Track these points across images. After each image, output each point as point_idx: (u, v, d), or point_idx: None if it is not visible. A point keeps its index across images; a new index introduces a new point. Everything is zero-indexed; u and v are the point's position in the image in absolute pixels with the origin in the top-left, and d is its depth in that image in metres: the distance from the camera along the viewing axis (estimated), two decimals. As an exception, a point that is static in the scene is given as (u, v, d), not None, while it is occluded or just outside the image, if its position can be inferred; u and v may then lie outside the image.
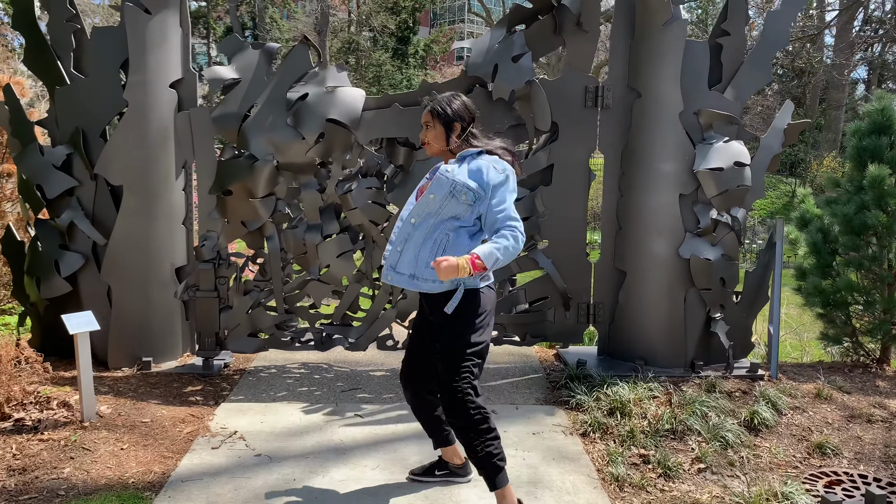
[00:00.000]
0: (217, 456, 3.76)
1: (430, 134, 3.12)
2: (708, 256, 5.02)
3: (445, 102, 3.10)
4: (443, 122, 3.08)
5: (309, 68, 4.85)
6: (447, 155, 3.13)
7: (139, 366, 5.01)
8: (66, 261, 4.92)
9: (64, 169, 4.90)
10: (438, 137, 3.10)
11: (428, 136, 3.13)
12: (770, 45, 5.15)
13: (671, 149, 5.01)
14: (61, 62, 4.94)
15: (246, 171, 4.79)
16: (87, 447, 3.70)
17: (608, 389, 4.60)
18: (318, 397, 4.69)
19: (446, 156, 3.14)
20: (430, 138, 3.12)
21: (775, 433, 4.32)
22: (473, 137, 3.10)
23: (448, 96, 3.12)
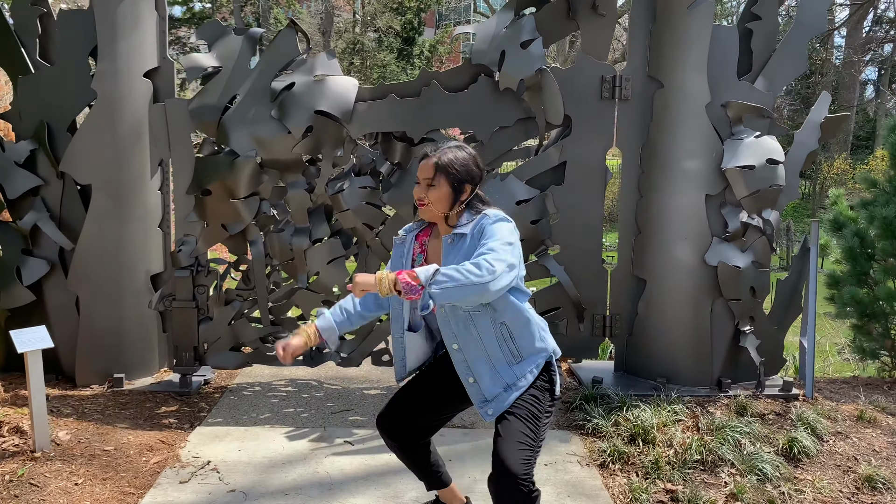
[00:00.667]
0: (185, 492, 3.30)
1: (432, 194, 2.45)
2: (737, 263, 4.54)
3: (457, 159, 2.47)
4: (452, 183, 2.45)
5: (296, 55, 4.39)
6: (441, 220, 2.52)
7: (110, 383, 4.56)
8: (28, 268, 4.47)
9: (27, 166, 4.46)
10: (442, 200, 2.45)
11: (429, 196, 2.46)
12: (806, 29, 4.68)
13: (696, 145, 4.54)
14: (26, 49, 4.50)
15: (226, 169, 4.32)
16: (36, 482, 3.23)
17: (628, 412, 4.12)
18: (305, 420, 4.22)
19: (440, 222, 2.52)
20: (433, 199, 2.45)
21: (817, 463, 3.84)
22: (479, 200, 2.51)
23: (457, 148, 2.51)
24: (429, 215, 2.52)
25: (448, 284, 2.15)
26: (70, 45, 4.45)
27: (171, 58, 4.64)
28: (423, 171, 2.48)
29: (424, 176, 2.48)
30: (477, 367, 2.44)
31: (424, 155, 2.52)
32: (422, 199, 2.48)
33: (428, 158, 2.49)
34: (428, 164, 2.47)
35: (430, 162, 2.47)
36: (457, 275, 2.15)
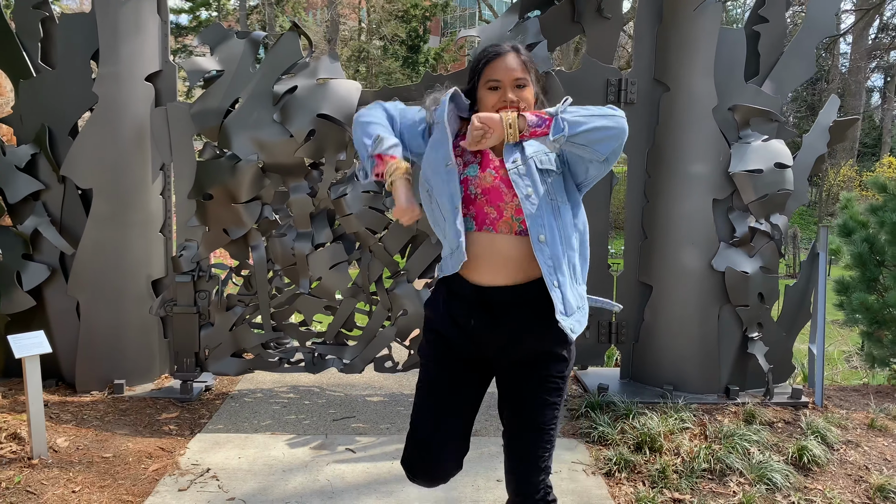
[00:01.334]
0: (184, 499, 3.24)
1: (525, 95, 2.12)
2: (745, 269, 4.47)
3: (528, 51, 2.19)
4: (539, 79, 2.19)
5: (299, 58, 4.36)
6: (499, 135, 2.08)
7: (110, 389, 4.51)
8: (29, 273, 4.43)
9: (28, 170, 4.43)
10: (532, 102, 2.15)
11: (523, 98, 2.11)
12: (814, 32, 4.62)
13: (703, 149, 4.48)
14: (27, 53, 4.48)
15: (228, 173, 4.28)
16: (33, 490, 3.18)
17: (634, 420, 4.05)
18: (307, 427, 4.16)
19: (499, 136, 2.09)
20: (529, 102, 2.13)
21: (828, 472, 3.76)
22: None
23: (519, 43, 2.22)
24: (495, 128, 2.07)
25: (582, 113, 1.99)
26: (72, 49, 4.42)
27: (173, 62, 4.61)
28: (508, 72, 2.10)
29: (512, 77, 2.09)
30: (560, 270, 2.06)
31: (493, 54, 2.12)
32: (514, 102, 2.09)
33: (503, 55, 2.12)
34: (512, 62, 2.11)
35: (515, 59, 2.12)
36: (586, 109, 2.02)
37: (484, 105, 2.13)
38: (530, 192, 2.04)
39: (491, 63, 2.11)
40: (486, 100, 2.12)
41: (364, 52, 37.83)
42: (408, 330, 4.61)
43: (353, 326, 4.71)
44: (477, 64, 2.16)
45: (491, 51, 2.14)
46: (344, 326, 4.67)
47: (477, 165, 2.11)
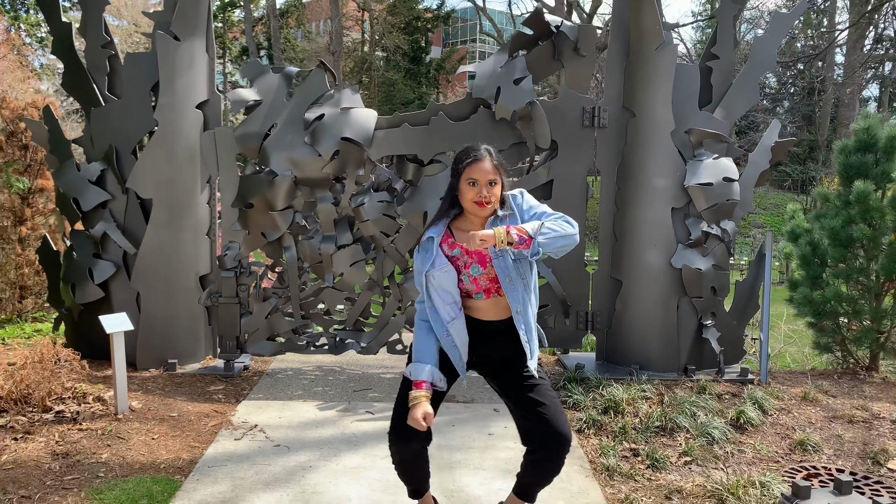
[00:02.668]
0: (239, 445, 4.09)
1: (495, 193, 2.71)
2: (699, 266, 5.33)
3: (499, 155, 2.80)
4: (503, 178, 2.76)
5: (325, 91, 5.23)
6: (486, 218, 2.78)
7: (165, 367, 5.37)
8: (99, 269, 5.29)
9: (98, 184, 5.29)
10: (499, 196, 2.74)
11: (493, 194, 2.71)
12: (757, 67, 5.49)
13: (664, 165, 5.34)
14: (96, 85, 5.34)
15: (266, 186, 5.16)
16: (122, 436, 4.04)
17: (603, 390, 4.90)
18: (332, 396, 5.02)
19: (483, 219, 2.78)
20: (495, 197, 2.72)
21: (760, 431, 4.59)
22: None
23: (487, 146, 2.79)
24: (487, 212, 2.73)
25: (551, 235, 2.57)
26: (135, 82, 5.29)
27: (217, 92, 5.48)
28: (483, 173, 2.67)
29: (487, 178, 2.67)
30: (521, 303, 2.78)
31: (472, 158, 2.69)
32: (486, 198, 2.67)
33: (481, 160, 2.68)
34: (487, 166, 2.68)
35: (489, 163, 2.68)
36: (557, 228, 2.59)
37: (463, 195, 2.73)
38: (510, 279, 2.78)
39: (471, 165, 2.69)
40: (465, 192, 2.71)
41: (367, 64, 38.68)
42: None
43: (369, 315, 5.58)
44: (460, 163, 2.73)
45: (472, 154, 2.73)
46: (361, 315, 5.54)
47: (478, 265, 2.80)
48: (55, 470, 3.60)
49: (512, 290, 2.80)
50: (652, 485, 3.81)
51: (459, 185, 2.74)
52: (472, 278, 2.82)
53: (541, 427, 2.82)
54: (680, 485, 3.80)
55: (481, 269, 2.81)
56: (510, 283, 2.79)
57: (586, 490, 3.67)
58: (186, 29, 5.24)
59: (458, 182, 2.75)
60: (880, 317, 5.88)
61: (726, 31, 5.43)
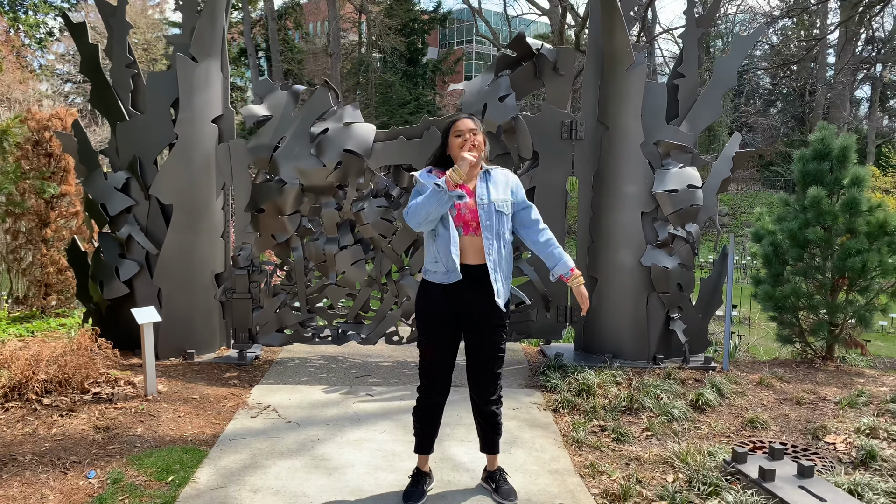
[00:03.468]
0: (255, 422, 4.67)
1: (478, 138, 3.32)
2: (666, 265, 5.91)
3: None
4: (483, 134, 3.39)
5: (329, 107, 5.80)
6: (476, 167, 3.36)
7: (184, 356, 5.94)
8: (124, 267, 5.86)
9: (123, 191, 5.86)
10: (483, 144, 3.37)
11: (477, 140, 3.31)
12: (720, 85, 6.07)
13: (634, 174, 5.92)
14: (121, 101, 5.90)
15: (276, 193, 5.73)
16: (153, 414, 4.62)
17: (578, 376, 5.49)
18: (336, 381, 5.60)
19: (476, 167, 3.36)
20: (479, 143, 3.32)
21: (717, 412, 5.17)
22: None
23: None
24: (477, 155, 3.29)
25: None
26: (156, 99, 5.85)
27: (231, 108, 6.05)
28: (465, 125, 3.34)
29: (469, 128, 3.33)
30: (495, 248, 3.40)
31: (455, 118, 3.40)
32: (471, 141, 3.31)
33: (461, 120, 3.38)
34: (467, 121, 3.35)
35: (467, 120, 3.37)
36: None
37: (452, 148, 3.39)
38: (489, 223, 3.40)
39: (455, 123, 3.40)
40: (453, 144, 3.38)
41: (364, 65, 39.17)
42: (411, 312, 6.04)
43: (369, 309, 6.17)
44: (448, 127, 3.44)
45: (454, 117, 3.46)
46: (362, 309, 6.12)
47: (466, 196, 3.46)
48: (98, 441, 4.18)
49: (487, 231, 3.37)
50: (615, 454, 4.39)
51: (448, 142, 3.40)
52: (457, 204, 3.38)
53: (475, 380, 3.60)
54: (639, 454, 4.38)
55: (468, 198, 3.37)
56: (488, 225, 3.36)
57: (558, 458, 4.26)
58: (203, 51, 5.80)
59: (445, 141, 3.42)
60: (834, 311, 6.46)
61: (691, 53, 6.01)
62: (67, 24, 5.95)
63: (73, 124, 6.04)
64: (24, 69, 25.05)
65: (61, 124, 7.45)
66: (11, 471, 3.76)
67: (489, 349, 3.57)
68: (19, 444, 4.06)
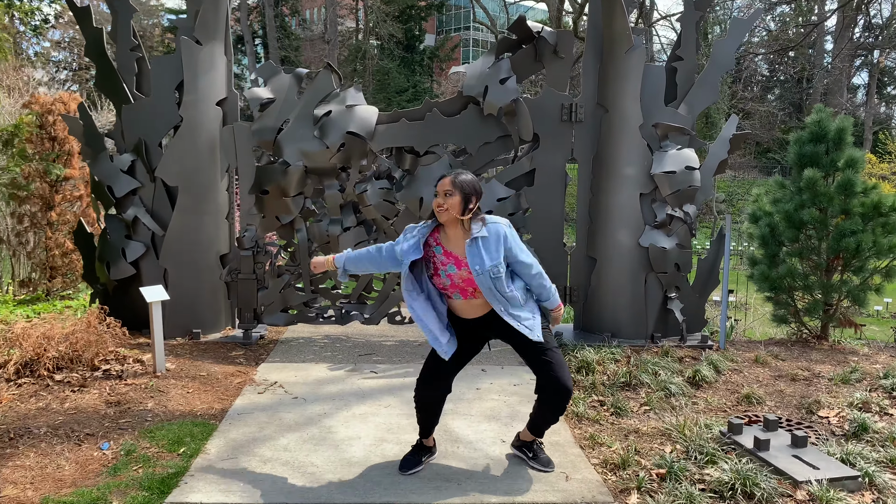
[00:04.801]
0: (262, 398, 4.78)
1: (449, 201, 3.30)
2: (664, 245, 6.01)
3: (465, 179, 3.34)
4: (462, 194, 3.31)
5: (332, 90, 5.88)
6: (455, 223, 3.38)
7: (190, 336, 6.04)
8: (130, 248, 5.94)
9: (129, 173, 5.93)
10: (456, 206, 3.31)
11: (447, 202, 3.30)
12: (718, 67, 6.15)
13: (633, 156, 6.00)
14: (126, 85, 5.97)
15: (280, 175, 5.81)
16: (162, 390, 4.72)
17: (578, 353, 5.60)
18: (340, 359, 5.71)
19: (454, 223, 3.38)
20: (450, 205, 3.30)
21: (713, 388, 5.29)
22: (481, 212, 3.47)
23: (464, 173, 3.39)
24: (445, 217, 3.34)
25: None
26: (161, 82, 5.92)
27: (234, 90, 6.12)
28: (442, 186, 3.34)
29: (443, 189, 3.33)
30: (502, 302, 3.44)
31: (441, 177, 3.40)
32: (441, 204, 3.32)
33: (444, 178, 3.36)
34: (445, 181, 3.35)
35: (447, 179, 3.35)
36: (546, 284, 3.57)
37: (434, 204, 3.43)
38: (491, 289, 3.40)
39: (437, 183, 3.40)
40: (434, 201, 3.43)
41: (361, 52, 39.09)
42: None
43: (372, 290, 6.26)
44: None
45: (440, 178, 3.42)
46: (365, 290, 6.22)
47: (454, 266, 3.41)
48: (110, 415, 4.28)
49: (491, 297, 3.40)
50: (614, 427, 4.51)
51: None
52: (448, 275, 3.44)
53: (548, 381, 3.59)
54: (637, 427, 4.50)
55: (456, 269, 3.44)
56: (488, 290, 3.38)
57: (558, 430, 4.37)
58: (207, 34, 5.87)
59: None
60: (829, 290, 6.57)
61: (689, 35, 6.09)
62: (72, 8, 5.99)
63: (78, 107, 6.11)
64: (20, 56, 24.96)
65: (65, 108, 7.52)
66: (27, 443, 3.86)
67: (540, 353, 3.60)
68: (34, 418, 4.17)
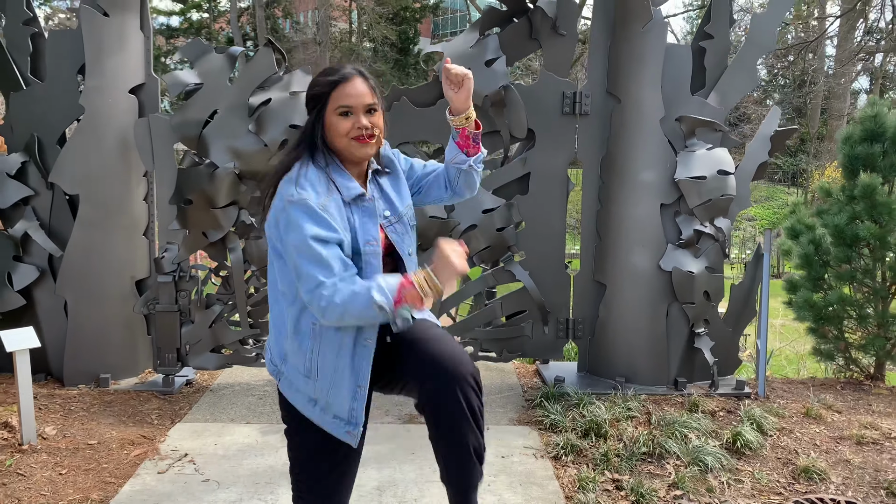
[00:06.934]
0: (162, 481, 3.54)
1: (377, 121, 2.09)
2: (691, 269, 4.80)
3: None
4: (382, 108, 2.13)
5: (272, 73, 4.66)
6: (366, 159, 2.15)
7: (96, 383, 4.81)
8: (19, 273, 4.72)
9: (18, 177, 4.72)
10: (383, 128, 2.13)
11: (375, 124, 2.08)
12: (756, 47, 4.96)
13: (652, 157, 4.81)
14: (17, 67, 4.76)
15: (206, 180, 4.58)
16: (23, 472, 3.48)
17: (584, 409, 4.37)
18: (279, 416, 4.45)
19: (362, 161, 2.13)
20: (380, 128, 2.11)
21: (759, 456, 4.08)
22: None
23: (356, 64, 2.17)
24: (371, 151, 2.10)
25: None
26: (59, 63, 4.72)
27: (154, 75, 4.90)
28: (356, 96, 2.03)
29: (362, 102, 2.03)
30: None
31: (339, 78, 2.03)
32: (368, 129, 2.04)
33: (350, 79, 2.04)
34: (361, 87, 2.04)
35: (362, 83, 2.05)
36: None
37: (335, 131, 2.05)
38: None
39: (339, 87, 2.03)
40: (337, 126, 2.04)
41: (355, 55, 38.14)
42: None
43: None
44: (322, 90, 2.05)
45: (336, 75, 2.05)
46: (317, 323, 4.97)
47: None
48: (-70, 518, 3.05)
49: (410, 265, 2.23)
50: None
51: (326, 119, 2.05)
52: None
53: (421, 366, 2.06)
54: (669, 527, 3.28)
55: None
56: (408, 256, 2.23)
57: (560, 536, 3.15)
58: (116, 2, 4.65)
59: (321, 115, 2.05)
60: (887, 322, 5.38)
61: (722, 7, 4.89)
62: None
63: (-43, 96, 4.89)
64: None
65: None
66: None
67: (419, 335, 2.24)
68: None
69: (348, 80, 2.04)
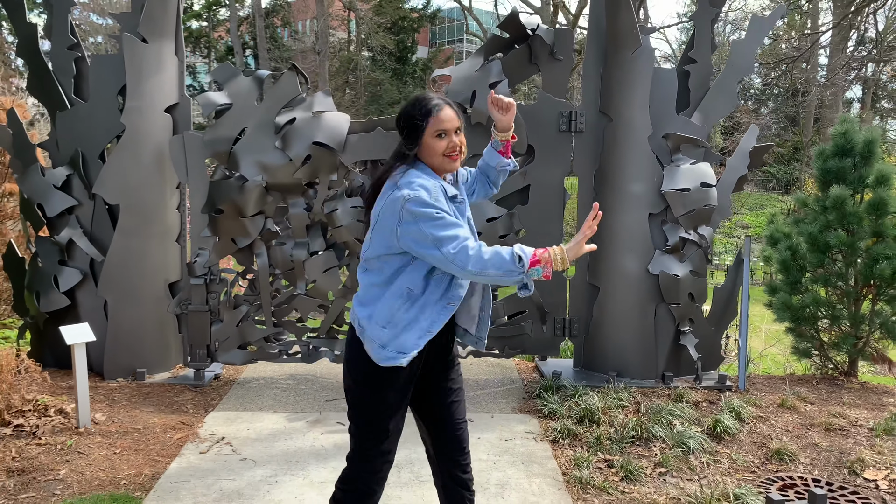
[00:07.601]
0: (204, 459, 3.99)
1: (462, 138, 2.57)
2: (676, 272, 5.27)
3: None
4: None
5: (297, 94, 5.12)
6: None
7: (133, 376, 5.25)
8: (64, 276, 5.16)
9: (64, 189, 5.16)
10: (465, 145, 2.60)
11: (463, 142, 2.56)
12: (735, 71, 5.43)
13: (641, 170, 5.27)
14: (62, 88, 5.21)
15: (236, 192, 5.05)
16: (82, 451, 3.93)
17: (580, 399, 4.83)
18: (303, 406, 4.92)
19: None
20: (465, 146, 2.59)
21: (736, 441, 4.54)
22: None
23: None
24: (458, 165, 2.58)
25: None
26: (102, 85, 5.17)
27: (187, 95, 5.37)
28: (449, 121, 2.50)
29: (454, 126, 2.51)
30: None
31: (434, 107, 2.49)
32: (458, 147, 2.52)
33: (444, 106, 2.51)
34: (452, 113, 2.52)
35: (451, 110, 2.52)
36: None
37: (432, 151, 2.51)
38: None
39: (435, 115, 2.49)
40: (434, 147, 2.50)
41: (353, 64, 38.53)
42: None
43: (343, 322, 5.48)
44: (419, 117, 2.50)
45: (430, 105, 2.51)
46: (335, 322, 5.44)
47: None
48: (9, 488, 3.49)
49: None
50: (625, 497, 3.75)
51: (424, 141, 2.51)
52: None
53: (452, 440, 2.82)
54: (653, 498, 3.74)
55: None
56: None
57: (558, 503, 3.60)
58: (154, 31, 5.12)
59: (419, 138, 2.51)
60: (858, 322, 5.85)
61: (704, 35, 5.37)
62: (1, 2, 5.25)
63: (7, 113, 5.34)
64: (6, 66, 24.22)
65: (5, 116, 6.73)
66: None
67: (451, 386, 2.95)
68: (-89, 493, 3.38)
69: (442, 108, 2.52)
